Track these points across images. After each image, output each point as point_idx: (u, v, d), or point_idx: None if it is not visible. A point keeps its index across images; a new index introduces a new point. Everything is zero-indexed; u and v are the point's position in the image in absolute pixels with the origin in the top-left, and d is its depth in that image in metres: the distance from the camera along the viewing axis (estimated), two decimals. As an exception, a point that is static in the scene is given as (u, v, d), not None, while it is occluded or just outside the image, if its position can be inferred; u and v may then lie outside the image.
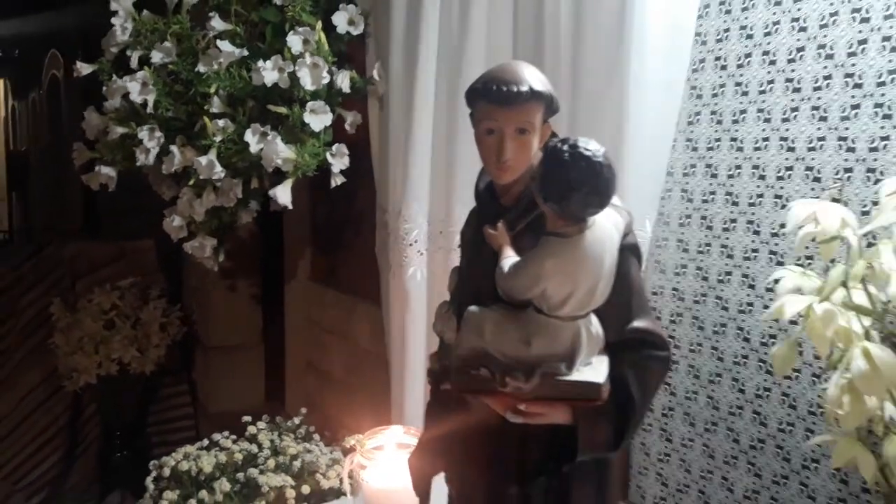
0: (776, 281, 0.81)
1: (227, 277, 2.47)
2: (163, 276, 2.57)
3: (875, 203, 0.84)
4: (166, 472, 1.13)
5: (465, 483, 0.49)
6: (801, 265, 0.89)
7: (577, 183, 0.43)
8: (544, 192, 0.44)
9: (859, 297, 0.68)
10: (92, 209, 3.61)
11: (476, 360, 0.44)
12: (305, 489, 1.06)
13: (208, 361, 2.48)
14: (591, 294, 0.43)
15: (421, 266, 1.09)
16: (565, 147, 0.43)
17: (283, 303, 2.11)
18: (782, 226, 1.03)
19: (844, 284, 0.68)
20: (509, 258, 0.44)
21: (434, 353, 0.52)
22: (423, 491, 0.52)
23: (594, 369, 0.43)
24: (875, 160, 0.91)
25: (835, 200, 0.70)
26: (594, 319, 0.44)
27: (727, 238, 1.11)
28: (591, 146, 0.43)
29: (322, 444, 1.16)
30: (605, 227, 0.44)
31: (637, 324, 0.46)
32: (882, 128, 0.91)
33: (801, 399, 1.03)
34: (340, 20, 1.22)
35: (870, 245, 0.75)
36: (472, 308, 0.46)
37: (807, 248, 0.94)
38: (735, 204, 1.10)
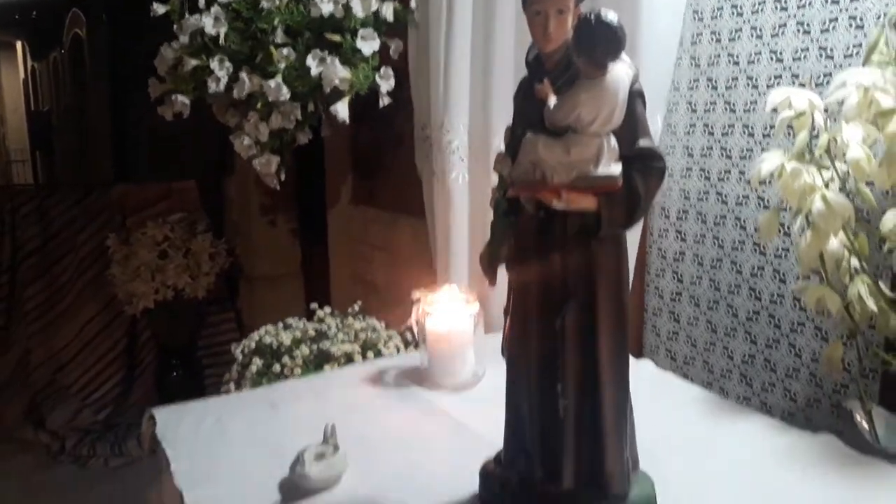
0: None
1: (265, 213, 2.67)
2: (205, 213, 2.77)
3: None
4: (251, 345, 1.34)
5: (520, 261, 0.69)
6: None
7: (600, 39, 0.63)
8: (577, 48, 0.64)
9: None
10: (121, 164, 3.77)
11: (532, 168, 0.65)
12: (370, 355, 1.27)
13: (252, 290, 2.69)
14: (610, 116, 0.64)
15: (463, 171, 1.28)
16: (592, 16, 0.64)
17: (323, 232, 2.30)
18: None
19: (811, 151, 0.86)
20: (553, 98, 0.65)
21: (499, 158, 0.72)
22: (491, 274, 0.72)
23: (613, 169, 0.64)
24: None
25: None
26: (612, 137, 0.65)
27: (726, 141, 1.29)
28: (611, 15, 0.64)
29: (380, 323, 1.36)
30: (620, 72, 0.66)
31: (641, 143, 0.67)
32: (855, 33, 1.07)
33: (790, 274, 1.22)
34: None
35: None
36: (528, 134, 0.66)
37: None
38: (733, 111, 1.27)
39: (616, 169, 0.64)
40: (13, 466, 2.39)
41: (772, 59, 1.19)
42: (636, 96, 0.67)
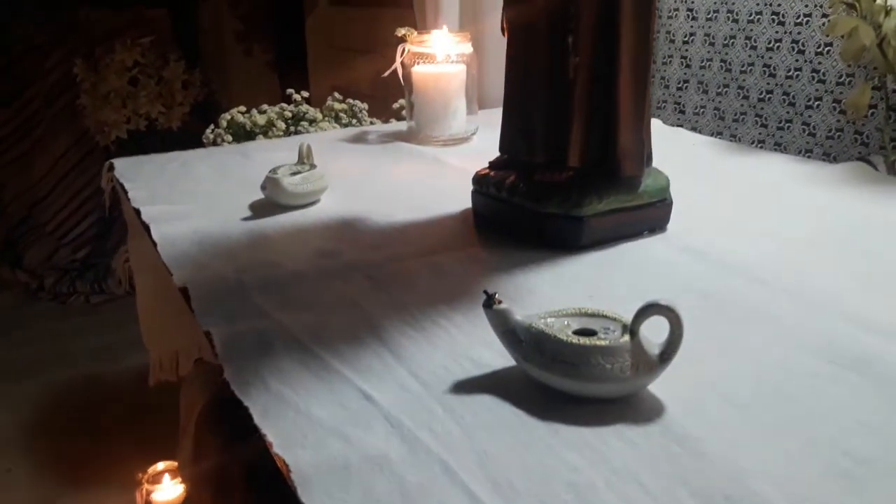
0: None
1: (242, 41, 2.49)
2: (178, 43, 2.59)
3: None
4: (223, 124, 1.24)
5: None
6: None
7: None
8: None
9: None
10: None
11: None
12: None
13: (230, 127, 2.56)
14: None
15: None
16: None
17: (303, 61, 2.15)
18: None
19: None
20: None
21: None
22: None
23: None
24: None
25: None
26: None
27: None
28: None
29: (362, 105, 1.26)
30: None
31: None
32: None
33: (810, 42, 1.11)
34: None
35: None
36: None
37: None
38: None
39: None
40: (-9, 304, 2.34)
41: None
42: None
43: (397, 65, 0.97)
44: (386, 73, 0.99)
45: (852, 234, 0.65)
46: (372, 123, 1.26)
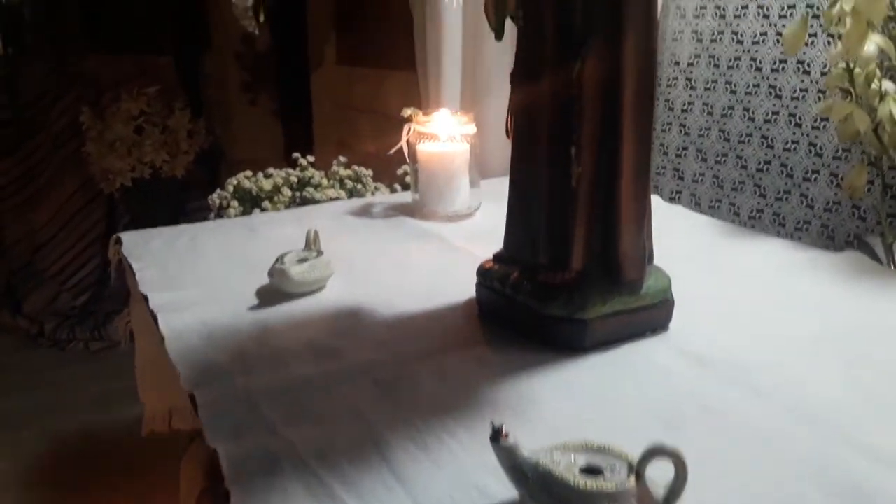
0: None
1: (246, 91, 2.53)
2: (183, 92, 2.63)
3: None
4: (230, 189, 1.26)
5: (531, 23, 0.59)
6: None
7: None
8: None
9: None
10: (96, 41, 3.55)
11: None
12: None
13: (233, 175, 2.59)
14: None
15: (455, -8, 1.17)
16: None
17: (307, 114, 2.18)
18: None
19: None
20: None
21: None
22: (499, 26, 0.62)
23: None
24: None
25: None
26: None
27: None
28: None
29: (367, 171, 1.28)
30: None
31: None
32: None
33: (807, 116, 1.13)
34: None
35: None
36: None
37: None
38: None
39: None
40: (-9, 349, 2.34)
41: None
42: None
43: (403, 143, 0.99)
44: (391, 151, 1.01)
45: (855, 337, 0.65)
46: (377, 189, 1.28)
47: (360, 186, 1.27)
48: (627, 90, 0.57)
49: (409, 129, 0.97)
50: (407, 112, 0.97)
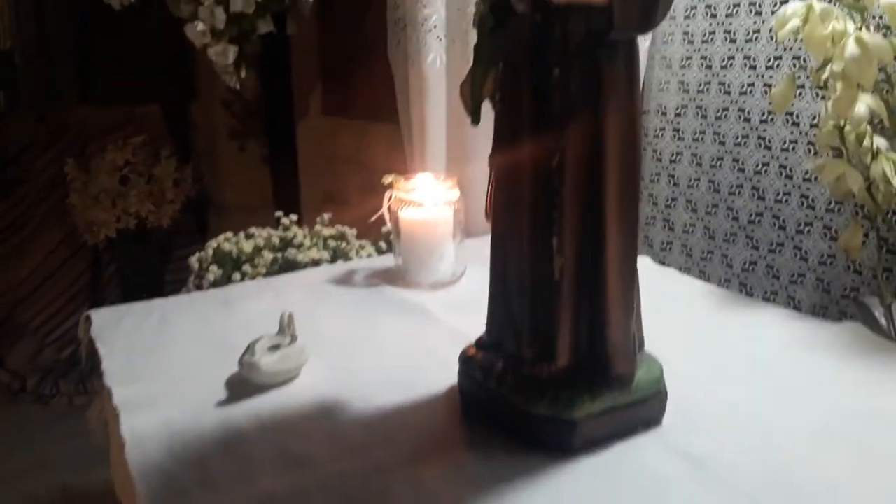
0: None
1: (234, 138, 2.52)
2: (170, 139, 2.61)
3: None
4: (209, 252, 1.22)
5: (511, 86, 0.56)
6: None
7: None
8: None
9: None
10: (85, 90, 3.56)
11: None
12: (339, 263, 1.15)
13: (222, 222, 2.55)
14: None
15: (440, 53, 1.15)
16: None
17: (294, 159, 2.16)
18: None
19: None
20: None
21: None
22: (474, 110, 0.59)
23: None
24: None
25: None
26: None
27: (730, 24, 1.17)
28: None
29: (350, 231, 1.25)
30: None
31: None
32: None
33: (797, 168, 1.11)
34: None
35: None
36: None
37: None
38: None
39: None
40: (-29, 405, 2.28)
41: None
42: None
43: (384, 210, 0.96)
44: (373, 219, 0.98)
45: (860, 429, 0.61)
46: (361, 247, 1.25)
47: (344, 245, 1.23)
48: (610, 175, 0.54)
49: (391, 196, 0.94)
50: (388, 179, 0.94)
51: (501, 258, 0.61)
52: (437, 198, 0.92)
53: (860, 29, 0.75)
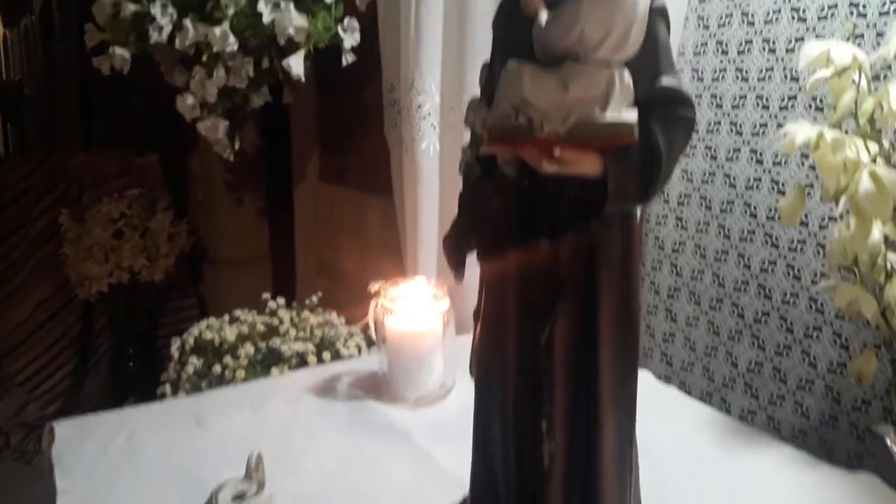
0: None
1: (232, 191, 2.48)
2: (168, 190, 2.58)
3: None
4: (190, 341, 1.17)
5: (496, 252, 0.52)
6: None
7: None
8: None
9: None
10: (88, 136, 3.56)
11: (514, 113, 0.46)
12: (326, 356, 1.10)
13: (217, 275, 2.51)
14: (625, 36, 0.45)
15: (433, 140, 1.11)
16: None
17: (291, 213, 2.12)
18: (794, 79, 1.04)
19: (855, 116, 0.69)
20: (545, 13, 0.46)
21: (471, 105, 0.53)
22: (458, 265, 0.55)
23: (626, 114, 0.45)
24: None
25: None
26: (626, 71, 0.46)
27: (736, 115, 1.13)
28: None
29: (339, 319, 1.20)
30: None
31: (665, 82, 0.48)
32: None
33: (806, 269, 1.06)
34: None
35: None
36: (511, 62, 0.47)
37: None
38: (745, 80, 1.11)
39: (630, 115, 0.45)
40: (-49, 462, 2.22)
41: (793, 18, 1.03)
42: (657, 15, 0.46)
43: (370, 319, 0.91)
44: (358, 326, 0.93)
45: None
46: (350, 336, 1.19)
47: (332, 333, 1.18)
48: (603, 359, 0.49)
49: (377, 304, 0.89)
50: (374, 287, 0.89)
51: (485, 427, 0.55)
52: (425, 307, 0.87)
53: (874, 161, 0.70)
